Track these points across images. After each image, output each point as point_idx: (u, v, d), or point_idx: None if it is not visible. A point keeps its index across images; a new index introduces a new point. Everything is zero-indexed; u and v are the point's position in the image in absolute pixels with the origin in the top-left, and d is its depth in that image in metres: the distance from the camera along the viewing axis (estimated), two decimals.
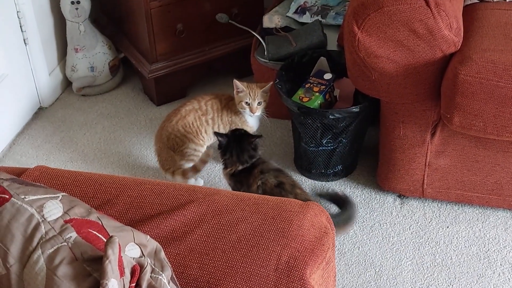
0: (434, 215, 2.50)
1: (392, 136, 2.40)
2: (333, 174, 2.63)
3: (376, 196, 2.58)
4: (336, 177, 2.64)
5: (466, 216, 2.49)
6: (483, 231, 2.43)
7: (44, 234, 1.19)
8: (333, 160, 2.57)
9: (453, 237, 2.41)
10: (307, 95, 2.49)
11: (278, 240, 1.43)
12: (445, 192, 2.47)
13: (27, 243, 1.18)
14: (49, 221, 1.22)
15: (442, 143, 2.34)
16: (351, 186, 2.63)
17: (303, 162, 2.65)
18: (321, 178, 2.64)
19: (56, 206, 1.25)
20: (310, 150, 2.55)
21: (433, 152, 2.36)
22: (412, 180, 2.47)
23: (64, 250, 1.17)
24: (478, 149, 2.32)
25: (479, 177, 2.39)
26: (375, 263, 2.32)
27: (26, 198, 1.24)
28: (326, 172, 2.62)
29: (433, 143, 2.34)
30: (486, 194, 2.43)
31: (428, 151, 2.37)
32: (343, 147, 2.54)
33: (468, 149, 2.33)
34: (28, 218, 1.21)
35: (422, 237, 2.41)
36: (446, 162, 2.38)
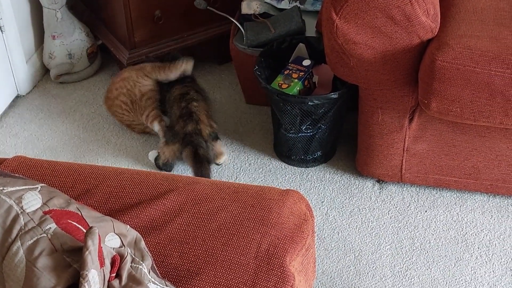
0: (413, 199, 2.52)
1: (370, 122, 2.42)
2: (312, 160, 2.64)
3: (355, 182, 2.61)
4: (315, 163, 2.66)
5: (444, 200, 2.52)
6: (461, 215, 2.46)
7: (23, 226, 1.19)
8: (313, 146, 2.58)
9: (431, 221, 2.44)
10: (286, 82, 2.50)
11: (258, 228, 1.44)
12: (423, 177, 2.50)
13: (6, 234, 1.18)
14: (28, 212, 1.22)
15: (419, 128, 2.36)
16: (330, 172, 2.65)
17: (283, 148, 2.66)
18: (300, 164, 2.66)
19: (35, 197, 1.25)
20: (289, 136, 2.56)
21: (411, 137, 2.39)
22: (390, 165, 2.49)
23: (44, 241, 1.17)
24: (455, 134, 2.34)
25: (456, 161, 2.42)
26: (354, 247, 2.34)
27: (5, 189, 1.24)
28: (305, 158, 2.63)
29: (411, 129, 2.36)
30: (464, 179, 2.46)
31: (406, 137, 2.39)
32: (322, 133, 2.55)
33: (446, 134, 2.35)
34: (7, 209, 1.21)
35: (400, 222, 2.44)
36: (424, 147, 2.41)
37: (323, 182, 2.60)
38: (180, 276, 1.36)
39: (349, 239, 2.38)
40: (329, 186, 2.58)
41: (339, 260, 2.31)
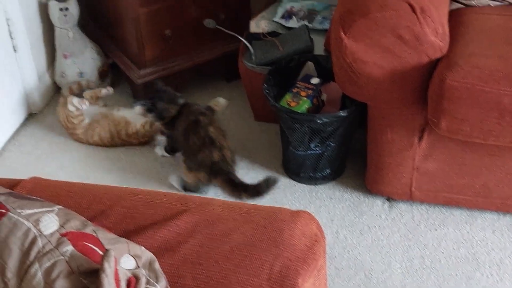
0: (423, 217, 2.53)
1: (379, 140, 2.43)
2: (321, 177, 2.66)
3: (364, 200, 2.61)
4: (324, 180, 2.67)
5: (454, 219, 2.52)
6: (471, 233, 2.47)
7: (41, 248, 1.21)
8: (322, 163, 2.60)
9: (442, 239, 2.44)
10: (295, 100, 2.51)
11: (270, 250, 1.45)
12: (433, 195, 2.50)
13: (25, 257, 1.20)
14: (45, 234, 1.23)
15: (429, 147, 2.37)
16: (339, 189, 2.66)
17: (292, 165, 2.68)
18: (309, 181, 2.67)
19: (52, 219, 1.26)
20: (298, 154, 2.57)
21: (420, 156, 2.40)
22: (400, 183, 2.50)
23: (61, 263, 1.19)
24: (465, 152, 2.35)
25: (466, 180, 2.43)
26: (365, 266, 2.35)
27: (23, 212, 1.26)
28: (314, 175, 2.64)
29: (420, 147, 2.37)
30: (474, 197, 2.47)
31: (415, 155, 2.40)
32: (331, 151, 2.57)
33: (455, 153, 2.36)
34: (25, 232, 1.22)
35: (411, 240, 2.44)
36: (433, 165, 2.42)
37: (332, 200, 2.61)
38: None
39: (360, 258, 2.38)
40: (338, 204, 2.59)
41: (349, 279, 2.31)
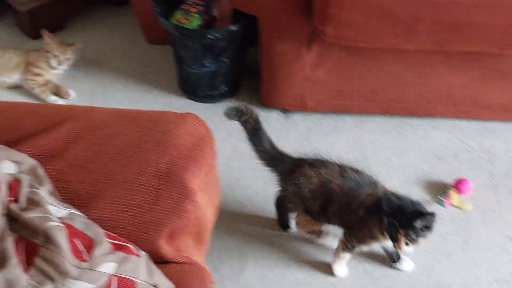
0: (316, 126, 2.62)
1: (270, 53, 2.47)
2: (218, 95, 2.69)
3: (261, 113, 2.66)
4: (222, 98, 2.70)
5: (345, 125, 2.63)
6: (361, 136, 2.58)
7: None
8: (217, 81, 2.62)
9: (334, 144, 2.54)
10: (185, 17, 2.51)
11: (156, 149, 1.47)
12: (324, 103, 2.59)
13: None
14: None
15: (318, 56, 2.43)
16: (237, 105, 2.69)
17: (188, 85, 2.69)
18: (207, 100, 2.69)
19: None
20: (193, 72, 2.58)
21: (310, 65, 2.46)
22: (293, 94, 2.57)
23: None
24: (352, 59, 2.43)
25: (354, 86, 2.52)
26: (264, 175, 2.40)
27: None
28: (211, 93, 2.67)
29: (310, 57, 2.43)
30: (362, 102, 2.57)
31: (306, 65, 2.46)
32: (226, 67, 2.59)
33: (343, 60, 2.44)
34: None
35: (306, 147, 2.52)
36: (323, 74, 2.49)
37: None
38: (82, 200, 1.38)
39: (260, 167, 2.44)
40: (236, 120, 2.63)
41: (248, 187, 2.38)
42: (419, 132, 2.62)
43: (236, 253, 2.17)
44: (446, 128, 2.64)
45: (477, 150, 2.55)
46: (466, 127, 2.64)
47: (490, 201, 2.34)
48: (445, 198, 2.33)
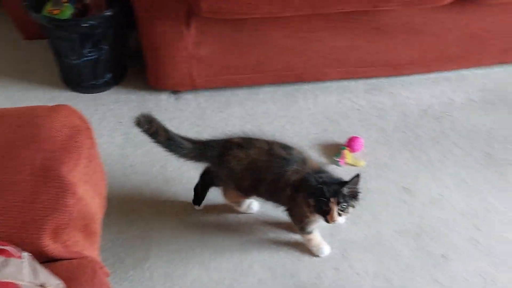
0: (208, 103, 2.60)
1: (151, 35, 2.42)
2: (103, 84, 2.62)
3: (150, 97, 2.63)
4: (107, 86, 2.64)
5: (237, 98, 2.63)
6: (254, 108, 2.59)
7: None
8: (100, 69, 2.55)
9: (228, 119, 2.54)
10: (57, 7, 2.42)
11: (29, 146, 1.41)
12: (213, 79, 2.58)
13: None
14: None
15: (199, 33, 2.41)
16: (124, 92, 2.64)
17: (71, 77, 2.60)
18: (92, 90, 2.62)
19: None
20: (73, 63, 2.50)
21: (193, 43, 2.43)
22: (180, 74, 2.53)
23: None
24: (234, 32, 2.42)
25: (240, 59, 2.52)
26: (160, 158, 2.38)
27: None
28: (96, 83, 2.60)
29: (190, 35, 2.40)
30: (251, 74, 2.57)
31: (188, 43, 2.43)
32: (107, 54, 2.52)
33: (225, 35, 2.43)
34: None
35: (200, 126, 2.51)
36: (207, 51, 2.47)
37: (118, 104, 2.60)
38: None
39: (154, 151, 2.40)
40: (125, 106, 2.59)
41: (146, 172, 2.34)
42: (309, 97, 2.65)
43: (139, 242, 2.13)
44: (334, 90, 2.68)
45: (366, 108, 2.61)
46: (353, 86, 2.70)
47: (383, 155, 2.41)
48: (340, 158, 2.38)
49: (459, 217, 2.19)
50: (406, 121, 2.55)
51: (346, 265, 2.06)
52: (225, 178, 2.05)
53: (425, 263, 2.06)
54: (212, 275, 2.04)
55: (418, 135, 2.49)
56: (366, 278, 2.02)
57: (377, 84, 2.71)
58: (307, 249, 2.09)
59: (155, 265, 2.07)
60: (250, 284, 2.01)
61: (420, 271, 2.03)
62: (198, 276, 2.03)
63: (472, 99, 2.66)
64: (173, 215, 2.20)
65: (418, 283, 2.00)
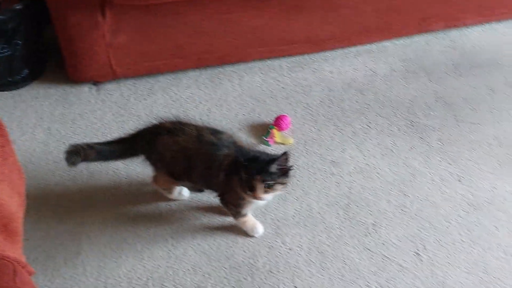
0: (131, 92, 2.56)
1: (66, 26, 2.36)
2: (21, 79, 2.54)
3: (71, 90, 2.57)
4: (25, 82, 2.56)
5: (160, 85, 2.59)
6: (178, 93, 2.56)
7: None
8: (16, 65, 2.47)
9: (152, 106, 2.51)
10: None
11: None
12: (134, 67, 2.53)
13: None
14: None
15: (115, 21, 2.36)
16: (43, 87, 2.57)
17: None
18: (9, 87, 2.54)
19: None
20: None
21: (109, 32, 2.38)
22: (99, 64, 2.48)
23: None
24: (150, 18, 2.39)
25: (160, 45, 2.48)
26: None
27: None
28: (12, 80, 2.52)
29: (106, 23, 2.36)
30: (172, 59, 2.55)
31: (105, 32, 2.38)
32: (22, 50, 2.45)
33: (141, 21, 2.39)
34: None
35: (123, 115, 2.47)
36: (125, 38, 2.43)
37: (38, 99, 2.53)
38: None
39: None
40: (45, 102, 2.52)
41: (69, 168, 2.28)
42: (234, 79, 2.64)
43: (69, 237, 2.09)
44: (258, 70, 2.68)
45: (291, 86, 2.62)
46: (277, 65, 2.71)
47: (310, 131, 2.43)
48: (269, 138, 2.39)
49: (386, 185, 2.23)
50: (331, 96, 2.58)
51: (280, 242, 2.07)
52: (157, 164, 2.03)
53: (356, 233, 2.09)
54: (146, 264, 2.02)
55: (343, 109, 2.52)
56: (300, 252, 2.04)
57: (300, 61, 2.73)
58: (241, 230, 2.09)
59: (87, 260, 2.03)
60: (186, 270, 2.00)
61: (352, 240, 2.07)
62: (132, 267, 2.01)
63: (394, 70, 2.70)
64: (102, 207, 2.16)
65: (351, 253, 2.03)
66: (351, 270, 1.99)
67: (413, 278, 1.97)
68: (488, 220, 2.12)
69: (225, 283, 1.97)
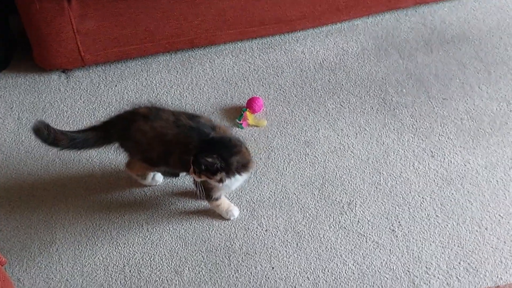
0: (101, 79, 2.53)
1: (31, 13, 2.32)
2: None
3: (40, 79, 2.53)
4: None
5: (130, 71, 2.57)
6: (149, 78, 2.54)
7: None
8: None
9: (123, 93, 2.48)
10: None
11: None
12: (103, 54, 2.50)
13: None
14: None
15: (81, 6, 2.33)
16: (11, 77, 2.54)
17: None
18: None
19: None
20: None
21: (76, 17, 2.35)
22: (68, 51, 2.44)
23: None
24: (117, 2, 2.35)
25: (128, 30, 2.45)
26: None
27: None
28: None
29: (72, 9, 2.32)
30: (141, 44, 2.52)
31: (71, 18, 2.34)
32: None
33: (108, 6, 2.35)
34: None
35: (94, 103, 2.44)
36: (92, 24, 2.39)
37: (7, 89, 2.49)
38: None
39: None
40: (14, 91, 2.48)
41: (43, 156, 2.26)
42: (205, 62, 2.62)
43: (43, 226, 2.07)
44: (229, 52, 2.67)
45: (263, 67, 2.61)
46: (247, 47, 2.69)
47: (283, 113, 2.42)
48: (242, 120, 2.38)
49: (360, 163, 2.24)
50: (303, 76, 2.57)
51: (256, 224, 2.07)
52: (132, 151, 2.01)
53: (331, 212, 2.10)
54: (122, 251, 2.01)
55: (315, 89, 2.51)
56: (276, 233, 2.04)
57: (271, 43, 2.71)
58: (217, 214, 2.08)
59: (62, 248, 2.01)
60: (162, 255, 1.99)
61: (328, 220, 2.08)
62: (108, 254, 2.00)
63: (365, 48, 2.70)
64: (75, 196, 2.15)
65: (326, 232, 2.04)
66: (328, 249, 2.00)
67: (389, 254, 1.98)
68: (461, 195, 2.14)
69: (202, 266, 1.97)
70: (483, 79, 2.53)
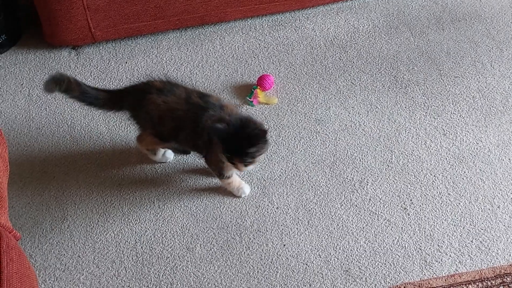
0: (111, 55, 2.52)
1: None
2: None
3: (50, 55, 2.52)
4: (4, 48, 2.52)
5: (141, 47, 2.55)
6: (159, 55, 2.53)
7: None
8: None
9: (134, 69, 2.47)
10: None
11: None
12: (113, 30, 2.48)
13: None
14: None
15: None
16: (22, 53, 2.53)
17: None
18: None
19: None
20: None
21: None
22: (78, 27, 2.43)
23: None
24: None
25: (139, 6, 2.43)
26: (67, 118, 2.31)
27: None
28: None
29: None
30: (152, 21, 2.50)
31: None
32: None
33: None
34: None
35: (104, 79, 2.43)
36: (103, 0, 2.37)
37: (17, 65, 2.48)
38: None
39: (60, 111, 2.33)
40: (25, 67, 2.47)
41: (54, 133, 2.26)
42: (215, 40, 2.61)
43: (55, 203, 2.07)
44: (239, 29, 2.65)
45: (273, 44, 2.59)
46: (258, 24, 2.67)
47: (294, 90, 2.41)
48: (253, 98, 2.37)
49: (371, 141, 2.23)
50: (313, 54, 2.55)
51: (267, 201, 2.07)
52: (143, 122, 2.01)
53: (342, 190, 2.10)
54: (133, 227, 2.01)
55: (326, 66, 2.50)
56: (287, 211, 2.04)
57: (282, 20, 2.69)
58: (228, 191, 2.08)
59: (74, 225, 2.02)
60: (174, 232, 2.00)
61: (339, 198, 2.07)
62: (120, 230, 2.00)
63: (376, 25, 2.68)
64: (86, 172, 2.15)
65: (338, 210, 2.04)
66: (339, 227, 2.00)
67: (401, 232, 1.98)
68: (473, 173, 2.14)
69: (213, 243, 1.97)
70: (495, 57, 2.51)
